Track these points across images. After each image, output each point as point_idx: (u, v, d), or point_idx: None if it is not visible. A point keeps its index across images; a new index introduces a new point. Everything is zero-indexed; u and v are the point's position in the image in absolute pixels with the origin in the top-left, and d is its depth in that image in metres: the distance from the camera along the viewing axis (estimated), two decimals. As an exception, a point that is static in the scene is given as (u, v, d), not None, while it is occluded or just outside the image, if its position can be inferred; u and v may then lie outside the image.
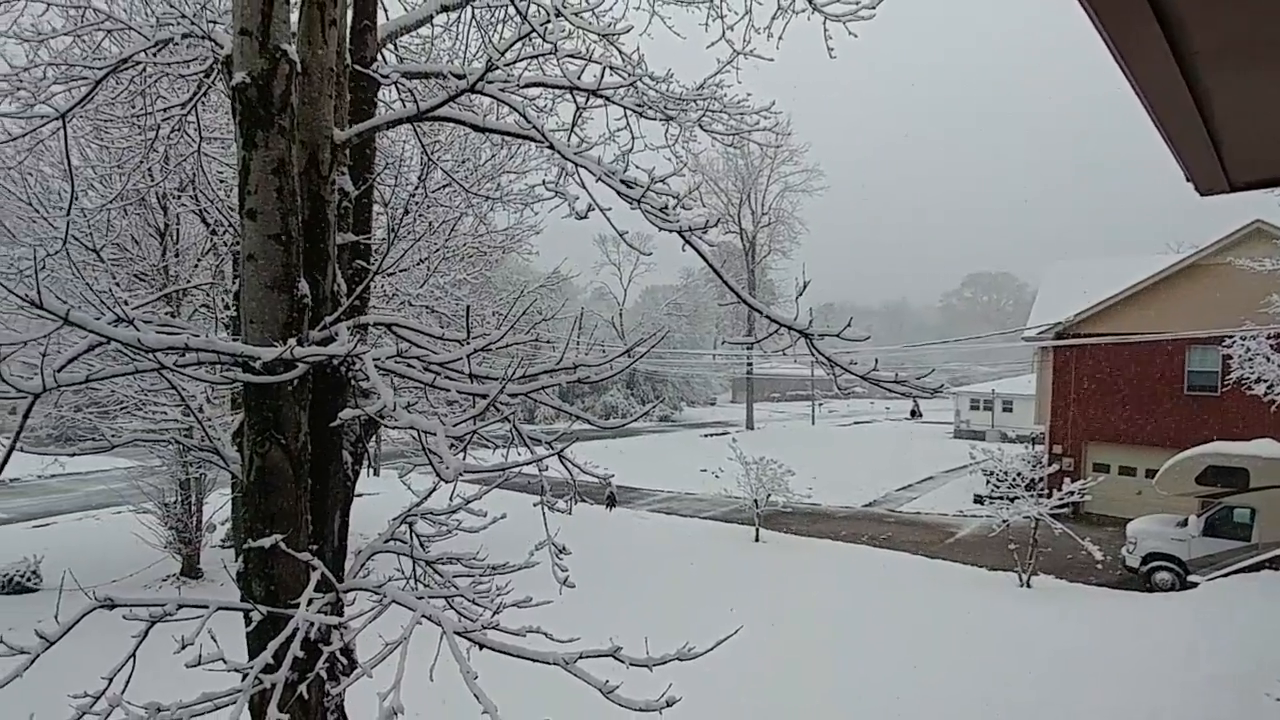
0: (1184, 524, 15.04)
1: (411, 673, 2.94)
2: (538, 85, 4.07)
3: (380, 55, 3.97)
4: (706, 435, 44.29)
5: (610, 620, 6.65)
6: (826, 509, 22.33)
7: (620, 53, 4.79)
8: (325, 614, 3.00)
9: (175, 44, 4.11)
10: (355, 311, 3.56)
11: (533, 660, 3.21)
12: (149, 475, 14.71)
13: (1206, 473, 15.04)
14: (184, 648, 2.63)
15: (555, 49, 3.25)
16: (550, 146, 3.18)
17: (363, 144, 3.76)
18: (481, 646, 3.25)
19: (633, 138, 4.74)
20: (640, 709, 3.11)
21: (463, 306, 13.29)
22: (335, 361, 3.15)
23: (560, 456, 3.81)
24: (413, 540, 3.99)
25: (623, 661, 3.36)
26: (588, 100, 4.10)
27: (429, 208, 11.02)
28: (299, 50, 3.03)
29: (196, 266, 13.11)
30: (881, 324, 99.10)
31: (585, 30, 3.79)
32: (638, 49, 4.80)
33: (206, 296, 12.12)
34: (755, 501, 18.31)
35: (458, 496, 4.22)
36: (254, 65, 2.85)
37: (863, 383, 3.70)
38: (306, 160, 3.15)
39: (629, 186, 3.10)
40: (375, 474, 25.17)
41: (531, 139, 3.38)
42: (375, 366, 2.89)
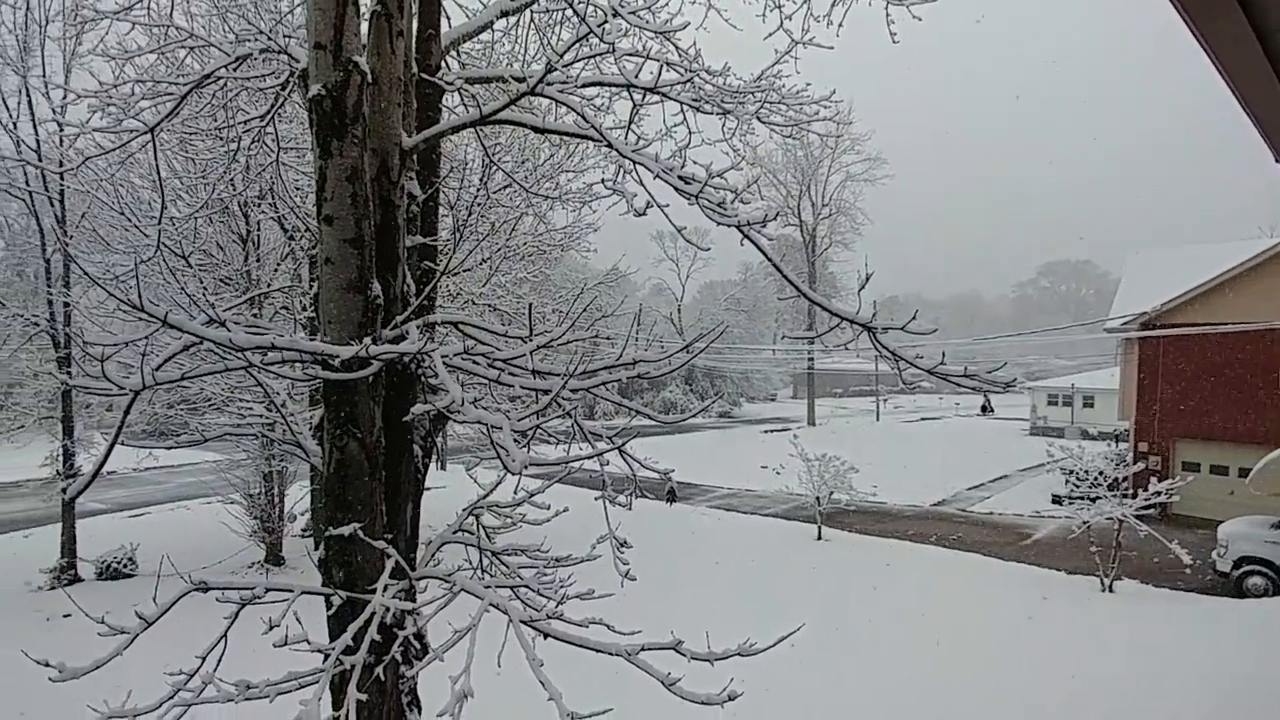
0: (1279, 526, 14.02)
1: (479, 659, 3.04)
2: (595, 84, 4.12)
3: (444, 63, 4.10)
4: (767, 431, 43.82)
5: (670, 615, 6.68)
6: (892, 508, 21.76)
7: (676, 48, 4.79)
8: (399, 600, 3.14)
9: (253, 59, 4.34)
10: (424, 311, 3.70)
11: (595, 650, 3.27)
12: (235, 468, 15.60)
13: (1307, 472, 13.95)
14: (271, 629, 2.80)
15: (613, 48, 3.28)
16: (609, 145, 3.22)
17: (429, 149, 3.89)
18: (546, 636, 3.33)
19: (690, 133, 4.73)
20: (701, 702, 3.13)
21: (523, 304, 13.57)
22: (406, 359, 3.28)
23: (621, 451, 3.85)
24: (480, 531, 4.12)
25: (684, 655, 3.39)
26: (644, 97, 4.12)
27: (490, 208, 11.28)
28: (369, 61, 3.17)
29: (276, 270, 13.81)
30: (950, 317, 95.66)
31: (642, 28, 3.81)
32: (694, 43, 4.77)
33: (286, 298, 12.74)
34: (817, 499, 18.01)
35: (521, 490, 4.33)
36: (328, 77, 2.99)
37: (929, 377, 3.59)
38: (378, 167, 3.29)
39: (687, 182, 3.11)
40: (442, 468, 25.98)
41: (590, 138, 3.42)
42: (443, 363, 3.00)
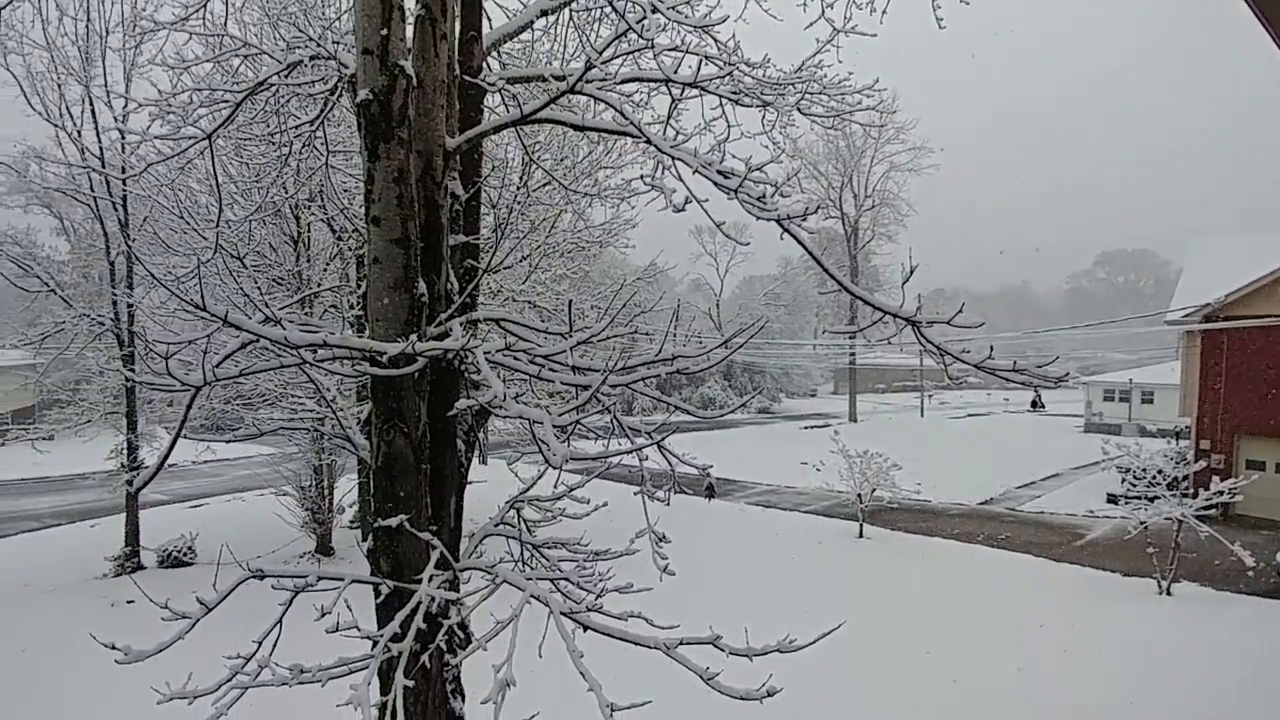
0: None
1: (520, 649, 3.10)
2: (634, 80, 4.13)
3: (485, 63, 4.16)
4: (806, 427, 43.32)
5: (708, 610, 6.67)
6: (937, 506, 21.30)
7: (715, 41, 4.75)
8: (444, 590, 3.23)
9: (304, 65, 4.48)
10: (466, 308, 3.78)
11: (635, 643, 3.29)
12: (287, 461, 16.14)
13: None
14: (323, 615, 2.91)
15: (652, 44, 3.29)
16: (647, 141, 3.23)
17: (471, 149, 3.96)
18: (585, 628, 3.37)
19: (728, 126, 4.70)
20: (740, 697, 3.13)
21: (562, 301, 13.70)
22: (450, 355, 3.35)
23: (660, 446, 3.87)
24: (521, 525, 4.19)
25: (723, 650, 3.39)
26: (683, 92, 4.11)
27: (530, 206, 11.40)
28: (414, 65, 3.24)
29: (325, 270, 14.21)
30: (1000, 310, 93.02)
31: (680, 23, 3.81)
32: (733, 36, 4.73)
33: (334, 297, 13.10)
34: (859, 496, 17.75)
35: (561, 485, 4.38)
36: (375, 82, 3.08)
37: (977, 372, 3.51)
38: (422, 168, 3.37)
39: (726, 177, 3.10)
40: (483, 462, 26.40)
41: (629, 134, 3.44)
42: (485, 360, 3.06)
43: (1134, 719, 8.54)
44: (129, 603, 12.74)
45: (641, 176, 3.55)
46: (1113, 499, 20.41)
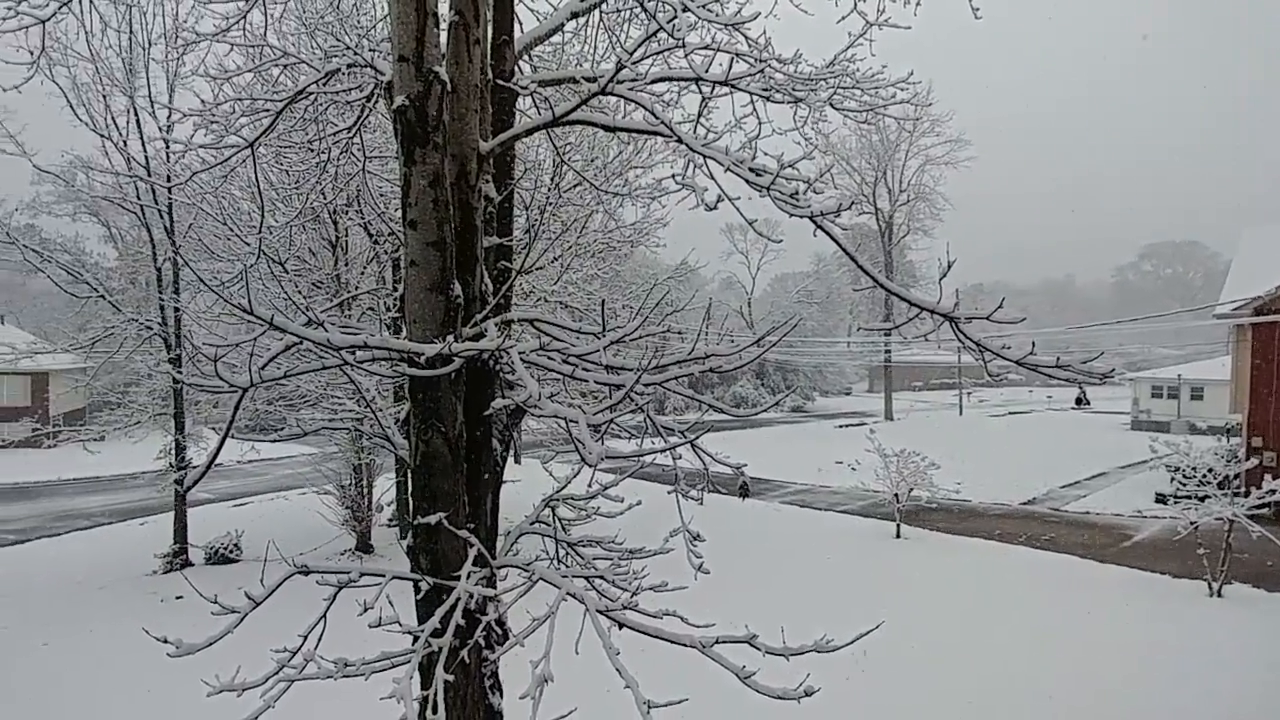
0: None
1: (557, 646, 3.13)
2: (665, 80, 4.14)
3: (517, 67, 4.21)
4: (841, 426, 42.81)
5: (743, 610, 6.65)
6: (978, 506, 20.86)
7: (746, 38, 4.73)
8: (482, 587, 3.27)
9: (341, 73, 4.58)
10: (500, 309, 3.83)
11: (670, 641, 3.30)
12: (328, 461, 16.52)
13: None
14: (365, 610, 2.98)
15: (683, 43, 3.29)
16: (679, 140, 3.24)
17: (504, 152, 4.01)
18: (621, 625, 3.39)
19: (759, 123, 4.67)
20: (777, 697, 3.12)
21: (594, 301, 13.76)
22: (485, 355, 3.40)
23: (693, 445, 3.87)
24: (555, 523, 4.23)
25: (758, 649, 3.38)
26: (713, 90, 4.11)
27: (561, 207, 11.48)
28: (448, 70, 3.30)
29: (363, 273, 14.50)
30: (1042, 304, 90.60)
31: (711, 21, 3.80)
32: (764, 32, 4.70)
33: (372, 299, 13.37)
34: (896, 496, 17.47)
35: (595, 484, 4.41)
36: (411, 88, 3.14)
37: (1018, 368, 3.44)
38: (457, 172, 3.43)
39: (758, 174, 3.09)
40: (517, 462, 26.66)
41: (660, 134, 3.44)
42: (520, 360, 3.10)
43: (1186, 726, 8.27)
44: (178, 598, 13.18)
45: (674, 176, 3.55)
46: (1161, 499, 19.76)
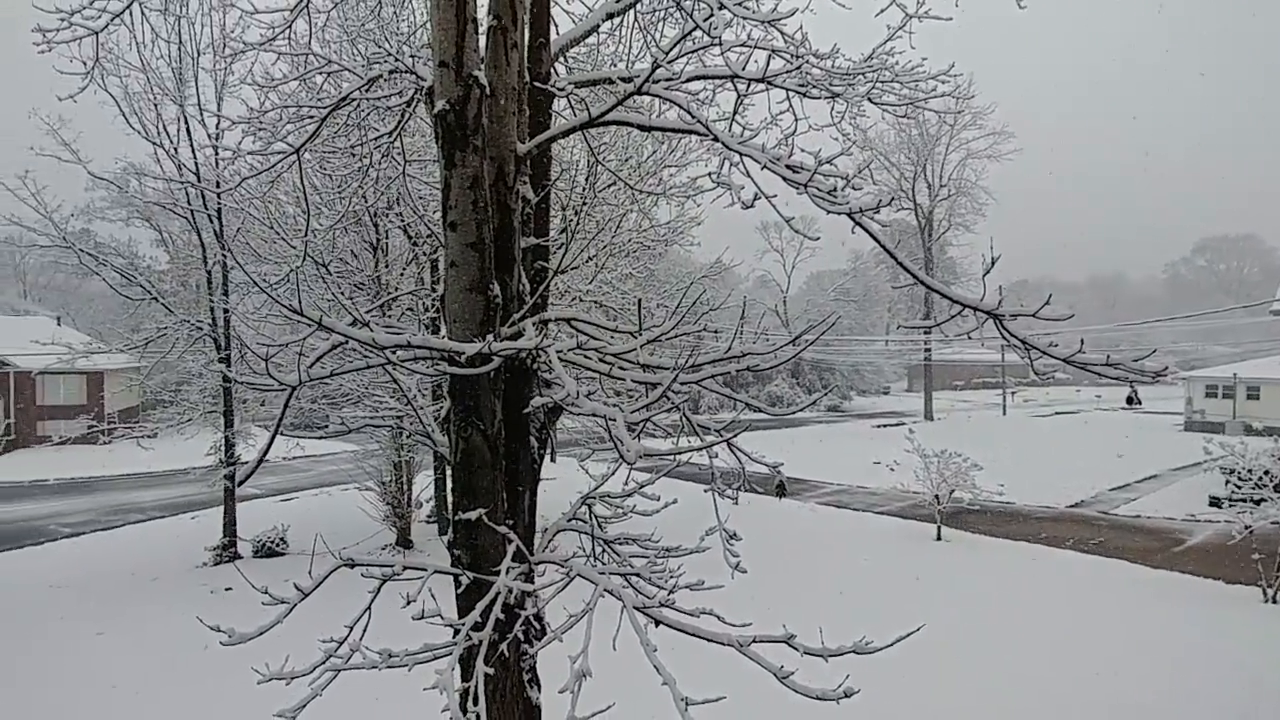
0: None
1: (594, 642, 3.16)
2: (700, 78, 4.13)
3: (553, 69, 4.25)
4: (879, 426, 42.15)
5: (780, 610, 6.61)
6: (1022, 509, 20.34)
7: (782, 34, 4.69)
8: (521, 582, 3.32)
9: (382, 79, 4.68)
10: (538, 308, 3.87)
11: (708, 640, 3.30)
12: (370, 458, 16.88)
13: None
14: (408, 603, 3.05)
15: (720, 42, 3.28)
16: (715, 138, 3.23)
17: (540, 153, 4.06)
18: (658, 623, 3.40)
19: (795, 120, 4.63)
20: (816, 697, 3.10)
21: (628, 300, 13.80)
22: (523, 354, 3.45)
23: (730, 444, 3.87)
24: (592, 520, 4.26)
25: (797, 649, 3.35)
26: (748, 87, 4.09)
27: (596, 207, 11.54)
28: (487, 74, 3.35)
29: (402, 274, 14.79)
30: (1090, 300, 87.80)
31: (747, 19, 3.78)
32: (800, 28, 4.66)
33: (411, 300, 13.63)
34: (936, 497, 17.13)
35: (631, 482, 4.43)
36: (451, 93, 3.20)
37: (1065, 367, 3.35)
38: (495, 173, 3.49)
39: (795, 171, 3.07)
40: (553, 460, 26.87)
41: (696, 132, 3.45)
42: (558, 358, 3.14)
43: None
44: (227, 590, 13.62)
45: (710, 174, 3.54)
46: (1215, 502, 19.00)
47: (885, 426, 41.24)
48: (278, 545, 16.26)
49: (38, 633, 11.73)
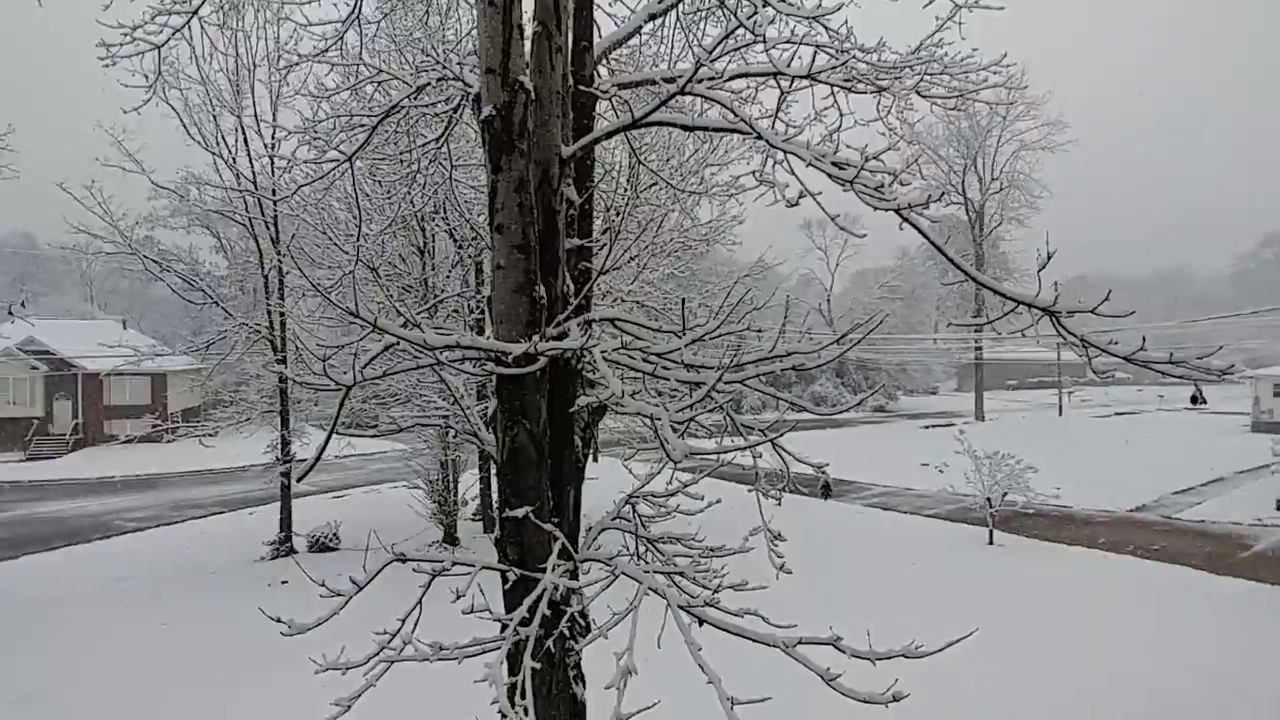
0: None
1: (639, 639, 3.17)
2: (743, 76, 4.11)
3: (596, 71, 4.29)
4: (927, 427, 41.21)
5: (825, 612, 6.49)
6: (1079, 512, 19.61)
7: (827, 29, 4.63)
8: (566, 579, 3.37)
9: (430, 87, 4.79)
10: (582, 309, 3.91)
11: (753, 640, 3.29)
12: (417, 456, 17.27)
13: None
14: (458, 598, 3.12)
15: (764, 39, 3.26)
16: (758, 137, 3.22)
17: (584, 155, 4.10)
18: (702, 622, 3.40)
19: (840, 115, 4.56)
20: (864, 700, 3.05)
21: (669, 300, 13.81)
22: (568, 354, 3.49)
23: (774, 444, 3.84)
24: (636, 519, 4.28)
25: (844, 651, 3.31)
26: (792, 84, 4.05)
27: (637, 207, 11.58)
28: (532, 79, 3.41)
29: (448, 277, 15.10)
30: (1152, 297, 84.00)
31: (791, 15, 3.75)
32: (845, 22, 4.59)
33: (457, 302, 13.91)
34: (988, 500, 16.63)
35: (674, 482, 4.44)
36: (498, 99, 3.26)
37: (1127, 365, 3.22)
38: (540, 177, 3.54)
39: (841, 168, 3.03)
40: (595, 459, 27.05)
41: (739, 131, 3.44)
42: (602, 358, 3.17)
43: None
44: (283, 583, 14.11)
45: (753, 173, 3.53)
46: (1288, 506, 18.03)
47: (934, 427, 40.29)
48: (331, 541, 16.77)
49: (105, 624, 12.34)
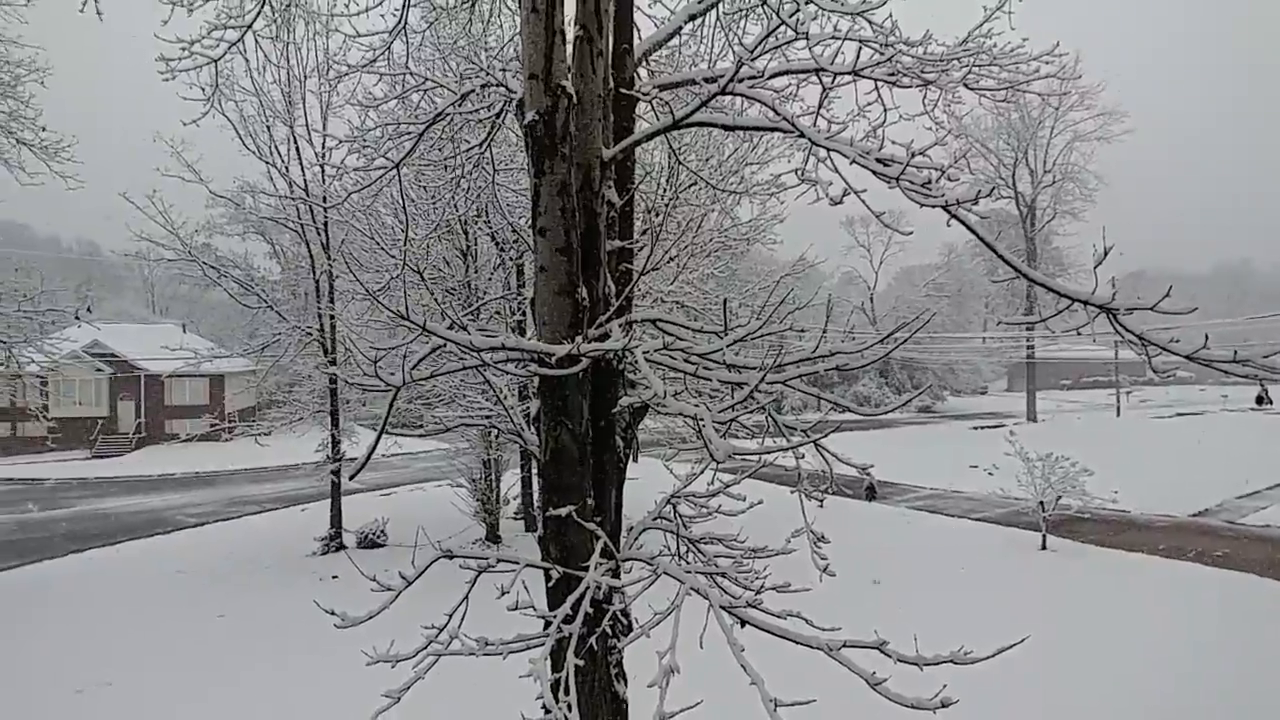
0: None
1: (681, 638, 3.18)
2: (785, 74, 4.08)
3: (636, 73, 4.31)
4: (976, 428, 40.13)
5: (870, 615, 6.39)
6: (1138, 517, 18.86)
7: (870, 23, 4.56)
8: (608, 578, 3.39)
9: (474, 93, 4.88)
10: (623, 310, 3.94)
11: (796, 642, 3.26)
12: (461, 456, 17.60)
13: None
14: (503, 594, 3.18)
15: (807, 37, 3.23)
16: (801, 135, 3.19)
17: (624, 157, 4.13)
18: (744, 623, 3.39)
19: (884, 110, 4.49)
20: (910, 705, 3.00)
21: (709, 300, 13.76)
22: (610, 355, 3.52)
23: (817, 445, 3.80)
24: (677, 519, 4.29)
25: (889, 656, 3.26)
26: (834, 80, 4.00)
27: (677, 208, 11.59)
28: (574, 83, 3.45)
29: (490, 279, 15.34)
30: (1214, 292, 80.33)
31: (835, 11, 3.71)
32: (889, 15, 4.51)
33: (498, 304, 14.12)
34: (1041, 504, 16.10)
35: (716, 482, 4.43)
36: (541, 104, 3.32)
37: (1189, 364, 3.10)
38: (581, 179, 3.58)
39: (885, 165, 2.98)
40: (635, 460, 27.13)
41: (781, 130, 3.41)
42: (644, 359, 3.19)
43: None
44: (334, 578, 14.54)
45: (795, 171, 3.49)
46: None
47: (983, 428, 39.24)
48: (379, 537, 17.20)
49: (166, 615, 12.88)
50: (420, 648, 3.41)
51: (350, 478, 3.32)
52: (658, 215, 9.85)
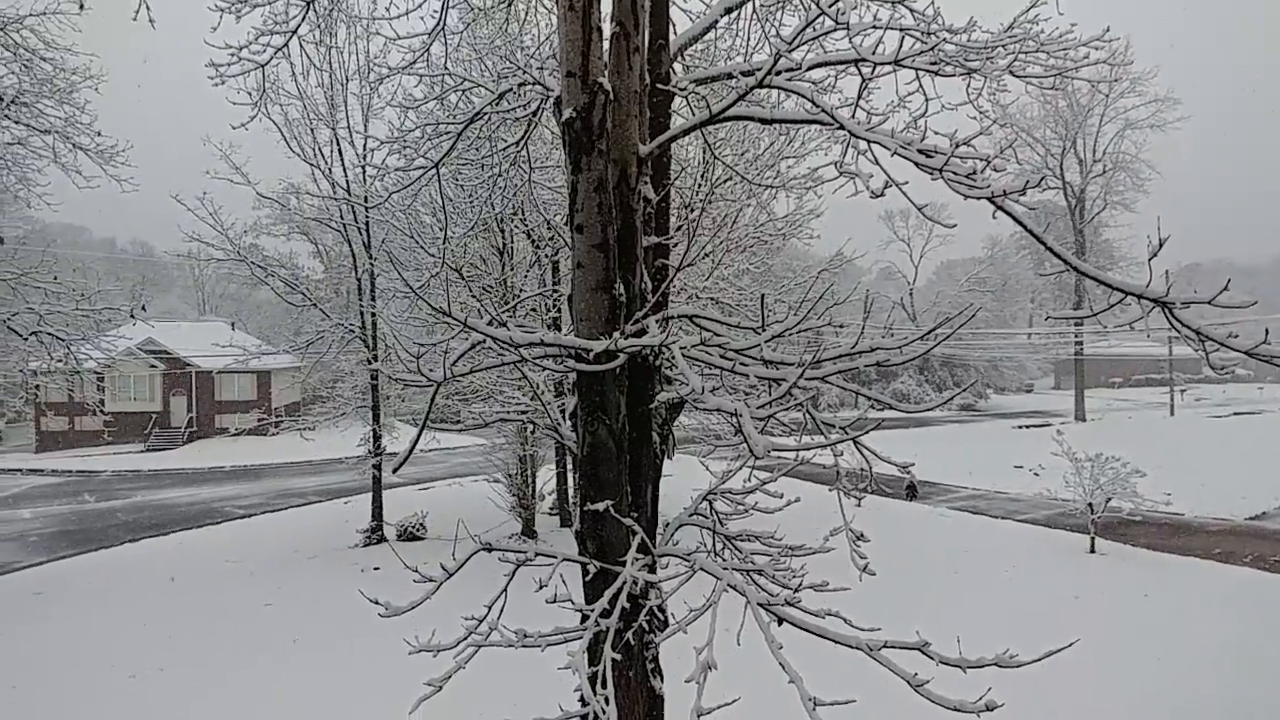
0: None
1: (718, 635, 3.17)
2: (823, 65, 4.02)
3: (672, 69, 4.29)
4: (1021, 427, 39.07)
5: (910, 616, 6.28)
6: (1191, 520, 18.16)
7: (912, 11, 4.46)
8: (645, 573, 3.40)
9: (511, 93, 4.92)
10: (660, 306, 3.94)
11: (834, 641, 3.22)
12: (498, 451, 17.82)
13: None
14: (541, 588, 3.21)
15: (848, 27, 3.18)
16: (840, 127, 3.14)
17: (660, 153, 4.12)
18: (781, 621, 3.36)
19: (926, 100, 4.39)
20: (953, 708, 2.94)
21: (745, 295, 13.66)
22: (647, 351, 3.53)
23: (856, 442, 3.75)
24: (714, 516, 4.27)
25: (931, 657, 3.21)
26: (874, 70, 3.93)
27: (712, 203, 11.52)
28: (610, 80, 3.46)
29: (526, 276, 15.47)
30: (1275, 285, 76.72)
31: (875, 0, 3.64)
32: (932, 3, 4.40)
33: (534, 301, 14.24)
34: (1090, 506, 15.58)
35: (753, 479, 4.40)
36: (578, 101, 3.33)
37: (1247, 360, 2.97)
38: (618, 176, 3.58)
39: (928, 155, 2.91)
40: (669, 456, 27.04)
41: (819, 122, 3.37)
42: (682, 355, 3.18)
43: None
44: (375, 569, 14.88)
45: (834, 164, 3.44)
46: None
47: (1028, 427, 38.22)
48: (418, 530, 17.53)
49: (215, 603, 13.33)
50: (461, 638, 3.47)
51: (394, 471, 3.39)
52: (693, 211, 9.81)
